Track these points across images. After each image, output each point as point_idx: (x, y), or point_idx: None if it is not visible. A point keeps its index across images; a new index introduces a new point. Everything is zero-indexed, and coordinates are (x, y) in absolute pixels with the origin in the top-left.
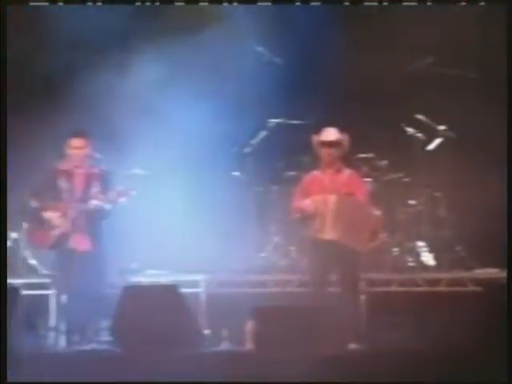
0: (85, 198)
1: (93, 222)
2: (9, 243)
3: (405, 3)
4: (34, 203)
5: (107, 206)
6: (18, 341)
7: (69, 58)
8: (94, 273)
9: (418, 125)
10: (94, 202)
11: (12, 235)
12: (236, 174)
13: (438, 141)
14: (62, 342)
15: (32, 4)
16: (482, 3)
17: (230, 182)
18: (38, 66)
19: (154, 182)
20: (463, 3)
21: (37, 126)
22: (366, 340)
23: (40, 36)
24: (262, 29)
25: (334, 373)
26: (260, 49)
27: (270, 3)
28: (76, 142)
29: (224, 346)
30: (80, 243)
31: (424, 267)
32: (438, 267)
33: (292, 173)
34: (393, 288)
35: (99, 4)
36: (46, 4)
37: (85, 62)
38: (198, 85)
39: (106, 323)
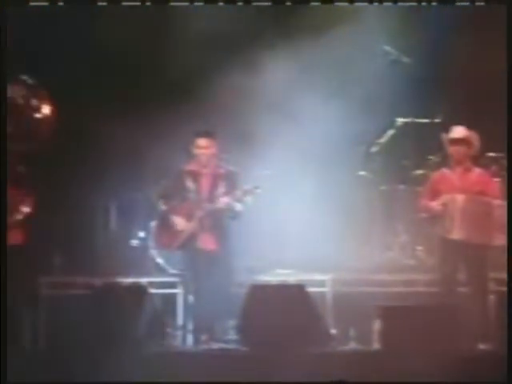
0: (211, 198)
1: (220, 222)
2: (136, 242)
3: None
4: (161, 204)
5: (238, 206)
6: (146, 339)
7: (200, 57)
8: (222, 272)
9: None
10: (221, 202)
11: (140, 234)
12: (363, 173)
13: None
14: (190, 340)
15: (32, 4)
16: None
17: (356, 181)
18: (168, 66)
19: (281, 182)
20: None
21: (167, 126)
22: (495, 340)
23: (172, 36)
24: (389, 28)
25: (462, 373)
26: (388, 48)
27: (400, 3)
28: (202, 141)
29: (351, 345)
30: (207, 243)
31: None
32: None
33: (420, 171)
34: None
35: (230, 4)
36: (46, 4)
37: (215, 62)
38: (326, 84)
39: (233, 322)
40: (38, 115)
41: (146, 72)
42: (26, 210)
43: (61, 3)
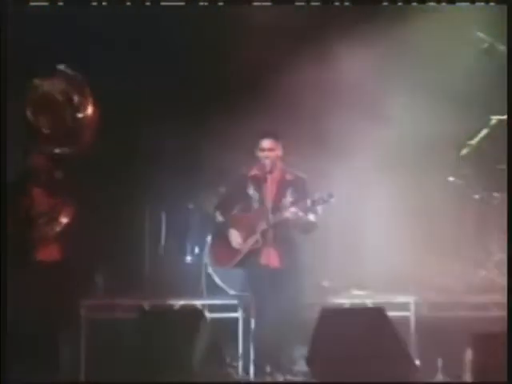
0: (277, 208)
1: (287, 235)
2: (189, 259)
3: None
4: (219, 215)
5: (309, 218)
6: (202, 370)
7: (265, 50)
8: (288, 293)
9: None
10: (288, 212)
11: (194, 250)
12: (452, 179)
13: None
14: (252, 372)
15: (32, 4)
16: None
17: (445, 188)
18: (227, 60)
19: (357, 189)
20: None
21: (226, 126)
22: None
23: (235, 34)
24: (481, 11)
25: None
26: (481, 34)
27: None
28: (267, 143)
29: (439, 377)
30: (272, 259)
31: None
32: None
33: None
34: None
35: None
36: (46, 4)
37: (284, 55)
38: (411, 78)
39: (301, 351)
40: (79, 114)
41: (201, 67)
42: (63, 220)
43: (61, 3)
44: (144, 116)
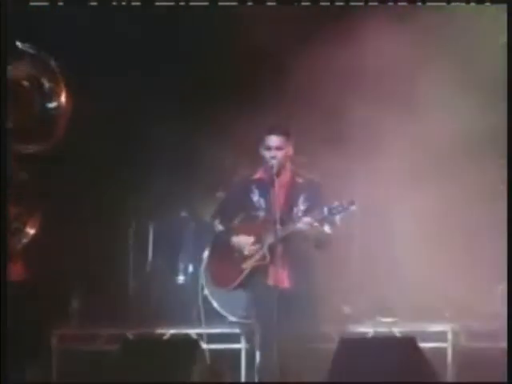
0: (286, 218)
1: (298, 251)
2: (182, 279)
3: None
4: (218, 226)
5: (325, 230)
6: None
7: (274, 43)
8: (300, 319)
9: None
10: (300, 223)
11: (188, 268)
12: (502, 188)
13: None
14: None
15: (32, 4)
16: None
17: (491, 197)
18: (236, 56)
19: (385, 196)
20: None
21: (226, 121)
22: None
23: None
24: None
25: None
26: None
27: None
28: (274, 140)
29: None
30: (281, 278)
31: None
32: None
33: None
34: None
35: None
36: (46, 4)
37: (294, 36)
38: (450, 63)
39: None
40: (50, 103)
41: (199, 53)
42: (30, 231)
43: (61, 3)
44: (130, 112)
